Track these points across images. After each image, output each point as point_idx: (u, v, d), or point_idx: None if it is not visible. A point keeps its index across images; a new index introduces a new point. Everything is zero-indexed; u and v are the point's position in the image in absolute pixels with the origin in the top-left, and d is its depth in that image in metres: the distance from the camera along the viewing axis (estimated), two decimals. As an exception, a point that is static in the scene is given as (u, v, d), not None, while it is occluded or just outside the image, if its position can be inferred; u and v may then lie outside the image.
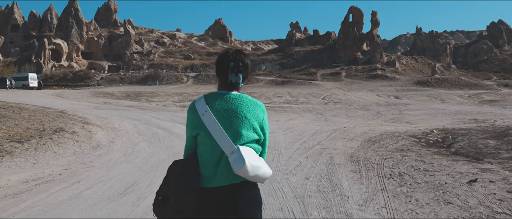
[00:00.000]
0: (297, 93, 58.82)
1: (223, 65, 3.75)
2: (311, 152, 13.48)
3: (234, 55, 3.77)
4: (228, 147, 3.50)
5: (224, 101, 3.68)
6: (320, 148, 14.34)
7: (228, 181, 3.54)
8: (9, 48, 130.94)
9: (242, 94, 3.76)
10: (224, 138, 3.52)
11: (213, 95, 3.75)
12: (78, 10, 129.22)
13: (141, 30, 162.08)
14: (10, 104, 22.59)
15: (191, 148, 3.75)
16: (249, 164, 3.44)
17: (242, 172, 3.43)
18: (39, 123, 16.60)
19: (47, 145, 13.65)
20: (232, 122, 3.59)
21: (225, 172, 3.54)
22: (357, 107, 38.54)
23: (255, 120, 3.68)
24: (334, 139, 16.64)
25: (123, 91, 61.84)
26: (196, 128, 3.64)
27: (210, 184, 3.54)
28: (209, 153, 3.59)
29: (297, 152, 13.38)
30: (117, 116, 24.59)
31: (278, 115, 30.78)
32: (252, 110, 3.71)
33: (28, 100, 38.91)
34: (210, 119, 3.58)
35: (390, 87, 71.98)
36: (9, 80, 74.23)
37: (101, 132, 17.23)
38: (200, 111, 3.64)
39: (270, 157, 12.45)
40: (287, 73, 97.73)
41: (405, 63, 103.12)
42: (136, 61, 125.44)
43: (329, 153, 13.28)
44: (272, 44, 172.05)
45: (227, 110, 3.63)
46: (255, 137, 3.69)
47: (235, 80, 3.71)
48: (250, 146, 3.62)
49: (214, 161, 3.57)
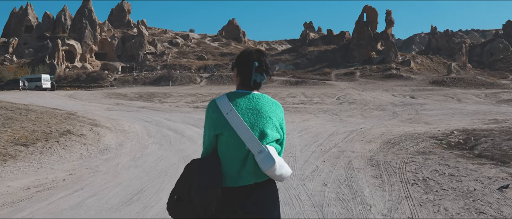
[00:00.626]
0: (311, 93, 58.21)
1: (247, 65, 3.77)
2: (328, 155, 12.86)
3: (258, 55, 3.82)
4: (256, 147, 3.54)
5: (249, 100, 3.72)
6: (337, 150, 13.71)
7: (254, 179, 3.58)
8: (23, 49, 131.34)
9: (263, 94, 3.81)
10: (251, 137, 3.55)
11: (236, 94, 3.76)
12: (92, 11, 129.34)
13: (154, 30, 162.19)
14: (18, 106, 22.14)
15: (211, 147, 3.73)
16: (277, 163, 3.53)
17: (271, 171, 3.51)
18: (46, 125, 16.08)
19: (53, 148, 13.14)
20: (258, 122, 3.64)
21: (252, 171, 3.57)
22: (372, 108, 37.86)
23: (276, 120, 3.74)
24: (351, 141, 15.98)
25: (136, 92, 61.57)
26: (219, 127, 3.63)
27: (236, 183, 3.57)
28: (234, 152, 3.60)
29: (313, 155, 12.77)
30: (128, 117, 24.09)
31: (292, 116, 30.21)
32: (274, 109, 3.77)
33: (40, 102, 38.63)
34: (235, 118, 3.59)
35: (405, 87, 71.20)
36: (22, 81, 74.27)
37: (110, 135, 16.71)
38: (224, 109, 3.64)
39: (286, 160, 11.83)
40: (301, 73, 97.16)
41: (420, 62, 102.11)
42: (150, 62, 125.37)
43: (347, 156, 12.65)
44: (285, 44, 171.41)
45: (252, 109, 3.68)
46: (278, 137, 3.72)
47: (260, 80, 3.76)
48: (272, 145, 3.65)
49: (239, 160, 3.59)
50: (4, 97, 42.36)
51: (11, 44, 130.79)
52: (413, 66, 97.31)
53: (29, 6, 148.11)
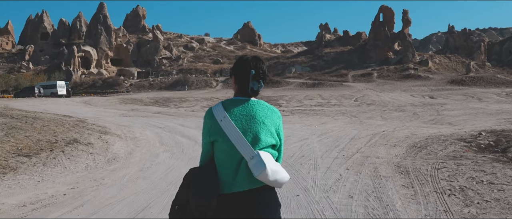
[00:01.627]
0: (329, 95, 57.42)
1: (244, 73, 3.78)
2: (352, 161, 11.92)
3: (254, 63, 3.82)
4: (248, 152, 3.55)
5: (243, 107, 3.73)
6: (361, 156, 12.76)
7: (248, 186, 3.57)
8: (39, 56, 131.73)
9: (259, 100, 3.82)
10: (243, 143, 3.56)
11: (231, 101, 3.79)
12: (107, 17, 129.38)
13: (169, 35, 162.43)
14: (25, 113, 21.37)
15: (208, 155, 3.77)
16: (269, 169, 3.49)
17: (263, 176, 3.49)
18: (51, 134, 15.24)
19: (58, 159, 12.31)
20: (251, 127, 3.63)
21: (246, 177, 3.57)
22: (391, 109, 36.96)
23: (272, 126, 3.72)
24: (374, 145, 15.02)
25: (151, 97, 61.09)
26: (214, 134, 3.66)
27: (230, 189, 3.58)
28: (227, 159, 3.62)
29: (335, 162, 11.84)
30: (140, 124, 23.26)
31: (310, 119, 29.42)
32: (269, 115, 3.74)
33: (54, 109, 38.21)
34: (228, 125, 3.62)
35: (423, 87, 70.19)
36: (38, 88, 74.19)
37: (120, 143, 15.88)
38: (218, 117, 3.68)
39: (306, 169, 10.98)
40: (317, 75, 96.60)
41: (438, 62, 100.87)
42: (165, 67, 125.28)
43: (372, 162, 11.71)
44: (301, 46, 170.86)
45: (246, 115, 3.69)
46: (272, 142, 3.71)
47: (257, 88, 3.78)
48: (267, 151, 3.64)
49: (233, 167, 3.60)
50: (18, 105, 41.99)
51: (27, 52, 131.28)
52: (431, 66, 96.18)
53: (45, 13, 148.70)
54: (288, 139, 17.11)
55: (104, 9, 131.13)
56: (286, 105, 45.07)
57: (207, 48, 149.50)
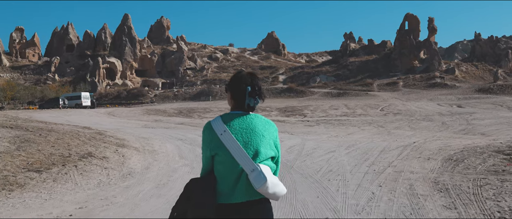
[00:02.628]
0: (354, 105, 56.49)
1: (239, 89, 3.86)
2: (384, 177, 11.01)
3: (250, 79, 3.88)
4: (248, 165, 3.63)
5: (242, 120, 3.81)
6: (394, 171, 11.83)
7: (247, 197, 3.65)
8: (64, 68, 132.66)
9: (257, 114, 3.90)
10: (244, 157, 3.64)
11: (230, 115, 3.85)
12: (131, 28, 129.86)
13: (194, 46, 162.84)
14: (41, 126, 20.70)
15: (208, 167, 3.83)
16: (270, 181, 3.60)
17: (263, 189, 3.60)
18: (65, 148, 14.50)
19: (69, 174, 11.57)
20: (251, 140, 3.73)
21: (244, 189, 3.65)
22: (419, 118, 35.92)
23: (270, 138, 3.83)
24: (407, 158, 14.03)
25: (175, 108, 60.70)
26: (215, 147, 3.72)
27: (229, 200, 3.65)
28: (228, 171, 3.69)
29: (366, 178, 10.93)
30: (161, 135, 22.48)
31: (336, 129, 28.56)
32: (267, 128, 3.85)
33: (76, 120, 37.98)
34: (229, 138, 3.69)
35: (450, 96, 68.88)
36: (62, 99, 74.37)
37: (137, 156, 15.10)
38: (218, 130, 3.74)
39: (334, 186, 10.13)
40: (342, 84, 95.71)
41: (465, 70, 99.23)
42: (190, 77, 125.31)
43: (407, 178, 10.77)
44: (326, 55, 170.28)
45: (246, 128, 3.77)
46: (272, 154, 3.81)
47: (253, 104, 3.86)
48: (267, 163, 3.74)
49: (233, 179, 3.67)
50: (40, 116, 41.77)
51: (53, 63, 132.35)
52: (457, 74, 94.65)
53: (70, 25, 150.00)
54: (314, 151, 16.25)
55: (129, 21, 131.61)
56: (311, 115, 44.29)
57: (231, 58, 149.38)
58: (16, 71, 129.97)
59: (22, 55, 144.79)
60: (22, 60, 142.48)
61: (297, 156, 15.26)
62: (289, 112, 49.09)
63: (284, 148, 17.05)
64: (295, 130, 28.40)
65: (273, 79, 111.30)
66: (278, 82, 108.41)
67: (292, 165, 13.34)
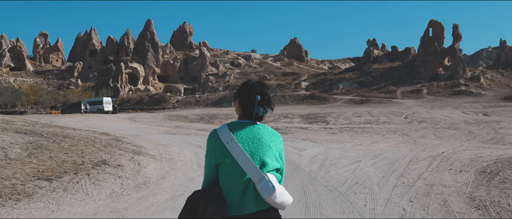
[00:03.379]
0: (377, 112, 55.73)
1: (249, 97, 3.81)
2: (415, 191, 10.26)
3: (260, 88, 3.83)
4: (256, 175, 3.59)
5: (249, 130, 3.75)
6: (424, 184, 11.06)
7: (256, 207, 3.59)
8: (87, 73, 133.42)
9: (264, 124, 3.86)
10: (251, 166, 3.59)
11: (237, 124, 3.78)
12: (154, 34, 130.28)
13: (216, 52, 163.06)
14: (56, 131, 20.13)
15: (212, 177, 3.76)
16: (278, 191, 3.55)
17: (271, 198, 3.54)
18: (78, 155, 14.00)
19: (81, 183, 11.04)
20: (258, 151, 3.68)
21: (253, 199, 3.59)
22: (444, 127, 35.04)
23: (276, 150, 3.78)
24: (437, 170, 13.22)
25: (197, 114, 60.42)
26: (220, 156, 3.66)
27: (239, 212, 3.58)
28: (234, 181, 3.62)
29: (396, 192, 10.21)
30: (181, 142, 21.94)
31: (360, 137, 27.84)
32: (273, 140, 3.81)
33: (97, 125, 37.83)
34: (236, 147, 3.63)
35: (475, 104, 67.93)
36: (84, 104, 74.64)
37: (153, 164, 14.54)
38: (224, 139, 3.67)
39: (362, 200, 9.46)
40: (365, 91, 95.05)
41: (490, 78, 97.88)
42: (212, 83, 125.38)
43: (439, 192, 10.03)
44: (348, 62, 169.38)
45: (253, 138, 3.72)
46: (278, 166, 3.77)
47: (262, 114, 3.79)
48: (272, 174, 3.66)
49: (240, 189, 3.61)
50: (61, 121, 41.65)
51: (76, 69, 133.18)
52: (482, 82, 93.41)
53: (93, 31, 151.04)
54: (339, 161, 15.55)
55: (151, 26, 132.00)
56: (334, 122, 43.64)
57: (253, 64, 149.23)
58: (39, 76, 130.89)
59: (46, 60, 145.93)
60: (46, 65, 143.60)
61: (320, 166, 14.61)
62: (311, 119, 48.49)
63: (307, 157, 16.41)
64: (318, 137, 27.76)
65: (296, 86, 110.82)
66: (301, 89, 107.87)
67: (316, 176, 12.67)
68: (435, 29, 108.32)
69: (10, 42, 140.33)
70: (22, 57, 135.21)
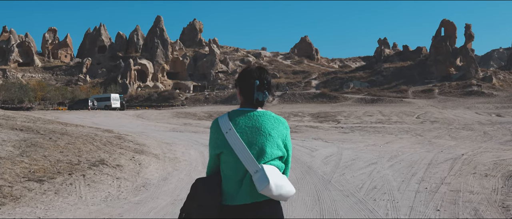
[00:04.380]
0: (389, 112, 54.77)
1: (248, 83, 3.73)
2: (439, 198, 9.26)
3: (258, 73, 3.76)
4: (252, 166, 3.50)
5: (248, 118, 3.67)
6: (449, 190, 10.09)
7: (251, 199, 3.53)
8: (96, 69, 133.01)
9: (266, 111, 3.76)
10: (248, 157, 3.52)
11: (237, 112, 3.72)
12: (164, 31, 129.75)
13: (226, 49, 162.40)
14: (55, 128, 19.16)
15: (214, 166, 3.73)
16: (273, 184, 3.44)
17: (266, 191, 3.44)
18: (75, 153, 13.03)
19: (75, 184, 10.11)
20: (256, 140, 3.58)
21: (249, 190, 3.53)
22: (458, 127, 34.04)
23: (278, 137, 3.67)
24: (460, 174, 12.22)
25: (206, 111, 59.71)
26: (220, 146, 3.61)
27: (233, 201, 3.55)
28: (232, 171, 3.58)
29: (419, 199, 9.21)
30: (187, 141, 21.00)
31: (372, 137, 26.96)
32: (276, 126, 3.69)
33: (103, 122, 37.26)
34: (234, 137, 3.56)
35: (488, 104, 66.79)
36: (91, 101, 73.99)
37: (156, 164, 13.59)
38: (224, 128, 3.61)
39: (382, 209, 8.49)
40: (376, 91, 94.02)
41: (502, 78, 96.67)
42: (221, 81, 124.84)
43: (467, 200, 9.02)
44: (359, 61, 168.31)
45: (252, 127, 3.63)
46: (279, 154, 3.66)
47: (262, 99, 3.72)
48: (274, 164, 3.61)
49: (238, 179, 3.56)
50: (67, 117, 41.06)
51: (85, 65, 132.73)
52: (495, 83, 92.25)
53: (103, 26, 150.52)
54: (354, 162, 14.59)
55: (161, 23, 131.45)
56: (345, 121, 42.76)
57: (263, 62, 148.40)
58: (48, 72, 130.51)
59: (55, 56, 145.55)
60: (54, 61, 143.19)
61: (334, 167, 13.66)
62: (322, 117, 47.65)
63: (320, 158, 15.44)
64: (329, 136, 26.91)
65: (306, 84, 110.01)
66: (311, 87, 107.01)
67: (330, 179, 11.72)
68: (447, 28, 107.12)
69: (18, 37, 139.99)
70: (31, 52, 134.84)
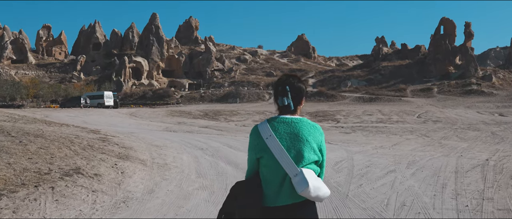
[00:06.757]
0: (389, 111, 53.48)
1: (275, 90, 3.97)
2: (488, 219, 7.60)
3: (284, 79, 3.97)
4: (292, 170, 3.65)
5: (287, 125, 3.82)
6: (496, 209, 8.30)
7: (291, 200, 3.67)
8: (90, 66, 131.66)
9: (302, 118, 3.91)
10: (288, 161, 3.66)
11: (276, 119, 3.87)
12: (159, 28, 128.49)
13: (222, 47, 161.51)
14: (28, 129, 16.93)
15: (253, 170, 3.86)
16: (312, 186, 3.59)
17: (305, 193, 3.60)
18: (47, 160, 10.99)
19: (40, 200, 8.15)
20: (295, 145, 3.72)
21: (289, 192, 3.67)
22: (463, 127, 32.61)
23: (314, 143, 3.80)
24: (499, 186, 10.39)
25: (201, 110, 58.23)
26: (260, 151, 3.76)
27: (274, 203, 3.67)
28: (272, 174, 3.72)
29: (463, 220, 7.53)
30: (179, 143, 19.02)
31: (377, 138, 25.47)
32: (312, 133, 3.82)
33: (95, 120, 36.05)
34: (274, 143, 3.71)
35: (488, 104, 65.81)
36: (84, 98, 72.23)
37: (141, 173, 11.59)
38: (264, 134, 3.77)
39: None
40: (374, 89, 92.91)
41: (502, 77, 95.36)
42: (217, 79, 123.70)
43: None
44: (356, 59, 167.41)
45: (290, 133, 3.77)
46: (315, 159, 3.80)
47: (282, 104, 3.88)
48: (310, 167, 3.75)
49: (278, 182, 3.70)
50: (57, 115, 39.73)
51: (79, 62, 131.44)
52: (495, 81, 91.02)
53: (97, 24, 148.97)
54: (369, 170, 12.72)
55: (157, 20, 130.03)
56: (345, 121, 41.36)
57: (260, 60, 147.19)
58: (41, 69, 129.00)
59: (49, 53, 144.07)
60: (48, 58, 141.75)
61: (348, 176, 11.84)
62: (320, 116, 46.28)
63: (329, 165, 13.55)
64: (332, 137, 25.34)
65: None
66: (308, 86, 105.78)
67: (347, 193, 9.89)
68: (446, 27, 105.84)
69: (12, 34, 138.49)
70: (25, 49, 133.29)
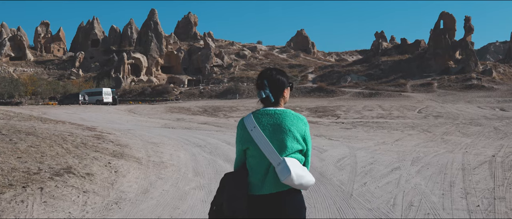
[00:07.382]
0: (389, 106, 53.20)
1: (255, 83, 4.16)
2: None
3: (263, 72, 4.14)
4: (275, 159, 3.80)
5: (270, 117, 3.97)
6: (509, 209, 7.85)
7: (276, 189, 3.84)
8: (89, 63, 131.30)
9: (285, 109, 4.03)
10: (271, 151, 3.82)
11: (260, 112, 4.02)
12: (158, 24, 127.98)
13: (221, 42, 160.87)
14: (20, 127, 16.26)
15: (241, 161, 4.04)
16: (294, 174, 3.74)
17: (288, 181, 3.74)
18: (37, 159, 10.45)
19: (27, 202, 7.66)
20: (277, 135, 3.89)
21: (273, 181, 3.84)
22: (465, 122, 32.27)
23: (297, 132, 3.95)
24: (508, 183, 9.95)
25: (200, 106, 57.90)
26: (246, 142, 3.94)
27: (260, 191, 3.84)
28: (258, 164, 3.89)
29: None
30: (177, 140, 18.54)
31: (378, 133, 25.09)
32: (295, 123, 3.97)
33: (92, 117, 35.77)
34: (258, 134, 3.87)
35: (489, 98, 65.59)
36: (82, 95, 71.73)
37: (136, 172, 11.13)
38: (249, 126, 3.93)
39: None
40: (374, 84, 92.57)
41: (502, 71, 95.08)
42: (216, 75, 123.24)
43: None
44: (356, 55, 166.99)
45: (273, 124, 3.92)
46: (299, 148, 3.94)
47: (260, 97, 4.04)
48: (294, 156, 3.91)
49: (263, 171, 3.87)
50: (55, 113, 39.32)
51: (78, 59, 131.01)
52: (495, 76, 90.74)
53: (96, 20, 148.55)
54: (373, 167, 12.34)
55: (155, 16, 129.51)
56: (345, 116, 40.99)
57: (259, 56, 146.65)
58: (40, 66, 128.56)
59: (47, 50, 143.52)
60: (47, 55, 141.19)
61: (351, 174, 11.41)
62: (320, 112, 45.90)
63: (331, 161, 13.08)
64: (332, 133, 24.96)
65: (302, 78, 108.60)
66: (308, 81, 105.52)
67: (351, 191, 9.46)
68: (446, 21, 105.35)
69: (10, 31, 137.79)
70: (23, 46, 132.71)
